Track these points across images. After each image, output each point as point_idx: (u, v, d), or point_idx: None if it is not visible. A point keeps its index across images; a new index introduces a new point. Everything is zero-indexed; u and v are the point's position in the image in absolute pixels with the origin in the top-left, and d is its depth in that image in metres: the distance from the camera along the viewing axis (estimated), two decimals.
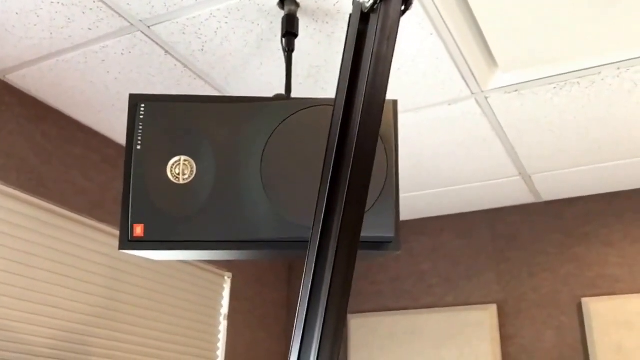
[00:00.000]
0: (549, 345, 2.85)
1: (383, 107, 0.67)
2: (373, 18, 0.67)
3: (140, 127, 1.36)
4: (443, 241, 3.25)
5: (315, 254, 0.63)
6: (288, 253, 1.32)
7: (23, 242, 2.14)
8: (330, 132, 0.64)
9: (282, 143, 1.34)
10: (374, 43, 0.66)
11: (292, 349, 0.64)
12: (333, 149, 0.63)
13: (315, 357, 0.61)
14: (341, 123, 0.64)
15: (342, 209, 0.61)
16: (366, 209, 1.30)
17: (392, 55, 0.67)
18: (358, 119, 0.63)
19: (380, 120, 0.65)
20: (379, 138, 1.34)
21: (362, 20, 0.68)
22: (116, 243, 2.44)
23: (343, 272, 0.62)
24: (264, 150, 1.34)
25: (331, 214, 0.62)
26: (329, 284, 0.61)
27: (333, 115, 0.66)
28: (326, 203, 0.62)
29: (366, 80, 0.64)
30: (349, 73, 0.66)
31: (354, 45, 0.66)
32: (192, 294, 2.80)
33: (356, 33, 0.67)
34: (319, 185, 0.70)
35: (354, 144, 0.63)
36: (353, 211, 0.62)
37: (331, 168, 0.63)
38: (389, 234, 1.29)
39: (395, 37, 0.67)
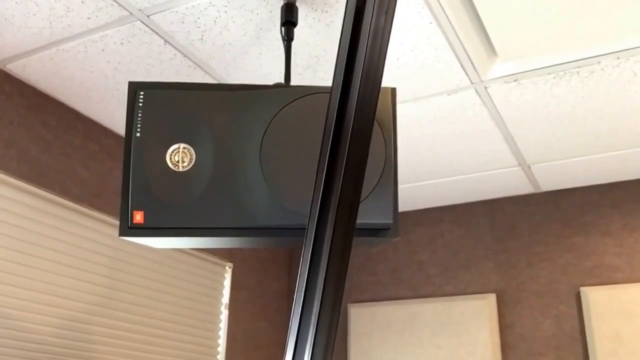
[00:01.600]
0: (548, 334, 2.87)
1: (381, 81, 0.67)
2: None
3: (140, 115, 1.37)
4: (442, 231, 3.26)
5: (312, 239, 0.63)
6: (287, 240, 1.33)
7: (23, 231, 2.14)
8: (328, 111, 0.65)
9: (281, 130, 1.34)
10: (372, 17, 0.66)
11: (290, 333, 0.65)
12: (331, 129, 0.64)
13: (312, 342, 0.62)
14: (339, 101, 0.65)
15: (339, 190, 0.62)
16: (365, 195, 1.31)
17: (390, 30, 0.68)
18: (356, 96, 0.64)
19: (378, 96, 0.66)
20: (378, 125, 1.34)
21: None
22: (116, 233, 2.45)
23: (339, 256, 0.62)
24: (263, 137, 1.34)
25: (328, 195, 0.63)
26: (325, 269, 0.62)
27: (331, 91, 0.66)
28: (323, 185, 0.63)
29: (364, 54, 0.65)
30: (347, 49, 0.66)
31: (352, 21, 0.67)
32: (193, 284, 2.81)
33: (354, 9, 0.67)
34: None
35: (351, 123, 0.63)
36: (349, 190, 0.63)
37: (329, 148, 0.63)
38: (388, 220, 1.30)
39: (393, 12, 0.67)
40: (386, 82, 2.18)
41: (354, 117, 0.63)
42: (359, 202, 0.65)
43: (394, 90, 1.38)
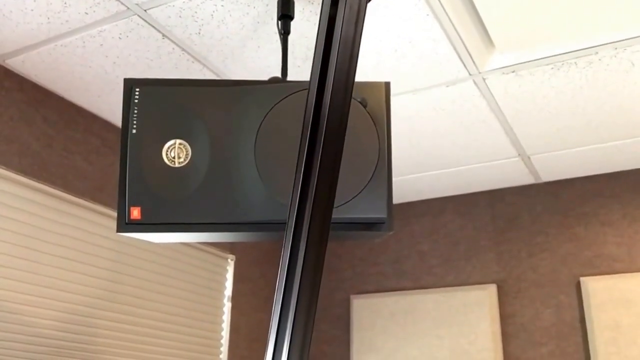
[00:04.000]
0: (548, 324, 2.88)
1: (351, 91, 0.68)
2: (341, 3, 0.68)
3: (136, 111, 1.38)
4: (443, 222, 3.27)
5: (292, 233, 0.65)
6: (282, 234, 1.34)
7: (26, 225, 2.16)
8: (304, 116, 0.67)
9: (275, 126, 1.35)
10: (341, 27, 0.67)
11: (272, 322, 0.66)
12: (307, 132, 0.66)
13: (291, 328, 0.63)
14: (314, 107, 0.66)
15: (314, 188, 0.63)
16: (359, 190, 1.32)
17: (360, 40, 0.69)
18: (328, 102, 0.65)
19: (349, 105, 0.67)
20: (371, 120, 1.35)
21: (332, 5, 0.70)
22: None
23: (316, 249, 0.64)
24: (257, 132, 1.35)
25: (305, 194, 0.64)
26: (302, 261, 0.64)
27: (307, 99, 0.68)
28: (301, 183, 0.65)
29: (335, 62, 0.66)
30: (321, 58, 0.68)
31: (325, 30, 0.68)
32: (196, 276, 2.83)
33: (327, 18, 0.68)
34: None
35: (324, 127, 0.65)
36: (324, 189, 0.65)
37: (305, 150, 0.65)
38: (382, 214, 1.30)
39: (362, 22, 0.69)
40: (384, 74, 2.18)
41: (327, 121, 0.65)
42: (334, 200, 0.66)
43: (387, 84, 1.38)
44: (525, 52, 2.05)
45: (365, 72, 2.16)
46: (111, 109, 2.46)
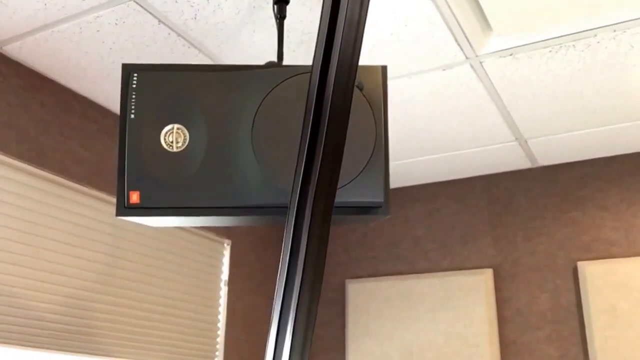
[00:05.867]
0: (544, 308, 2.90)
1: (355, 73, 0.69)
2: None
3: (134, 97, 1.38)
4: (439, 207, 3.28)
5: (294, 216, 0.66)
6: (279, 218, 1.35)
7: (24, 211, 2.17)
8: (307, 97, 0.67)
9: (272, 110, 1.36)
10: (346, 8, 0.67)
11: (274, 306, 0.67)
12: (310, 114, 0.66)
13: (294, 311, 0.64)
14: (317, 89, 0.67)
15: (318, 171, 0.64)
16: (356, 174, 1.32)
17: (364, 21, 0.69)
18: (332, 85, 0.65)
19: (353, 88, 0.67)
20: (368, 104, 1.35)
21: None
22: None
23: (318, 232, 0.64)
24: (254, 117, 1.35)
25: (308, 176, 0.65)
26: (305, 244, 0.64)
27: (310, 82, 0.68)
28: (304, 166, 0.65)
29: (339, 45, 0.66)
30: (324, 39, 0.68)
31: (329, 11, 0.68)
32: (193, 261, 2.84)
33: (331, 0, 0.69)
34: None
35: (328, 112, 0.65)
36: (327, 172, 0.65)
37: (309, 132, 0.65)
38: (379, 198, 1.31)
39: (368, 3, 0.68)
40: (380, 58, 2.18)
41: (330, 103, 0.65)
42: (337, 184, 0.67)
43: (384, 68, 1.38)
44: (523, 35, 2.04)
45: (361, 55, 2.16)
46: (107, 95, 2.45)
